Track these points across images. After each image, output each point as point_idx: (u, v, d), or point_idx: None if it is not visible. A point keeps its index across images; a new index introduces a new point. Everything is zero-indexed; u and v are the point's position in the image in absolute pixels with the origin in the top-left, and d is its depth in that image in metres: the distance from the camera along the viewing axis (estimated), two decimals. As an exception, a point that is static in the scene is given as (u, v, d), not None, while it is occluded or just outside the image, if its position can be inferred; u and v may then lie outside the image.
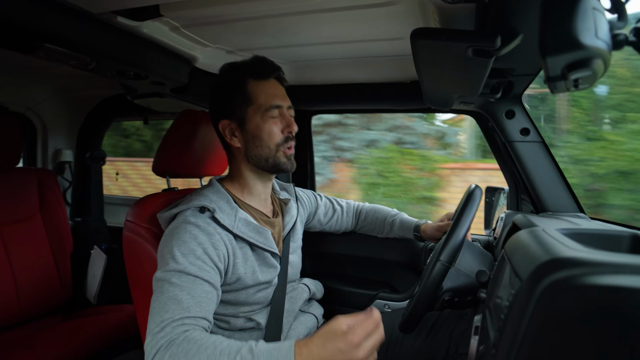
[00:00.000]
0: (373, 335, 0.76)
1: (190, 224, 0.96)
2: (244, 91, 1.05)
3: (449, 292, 1.00)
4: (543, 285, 0.49)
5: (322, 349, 0.74)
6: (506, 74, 1.11)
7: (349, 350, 0.72)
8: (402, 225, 1.42)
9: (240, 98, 1.06)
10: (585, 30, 0.47)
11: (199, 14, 1.00)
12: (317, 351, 0.74)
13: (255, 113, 1.05)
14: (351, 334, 0.73)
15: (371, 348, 0.75)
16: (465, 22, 0.91)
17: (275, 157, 1.07)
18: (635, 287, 0.45)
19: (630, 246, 0.76)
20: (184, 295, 0.86)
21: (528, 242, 0.65)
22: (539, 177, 1.29)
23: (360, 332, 0.74)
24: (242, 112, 1.06)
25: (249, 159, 1.08)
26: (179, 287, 0.87)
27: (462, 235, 0.96)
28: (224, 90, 1.09)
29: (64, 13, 0.92)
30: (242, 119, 1.06)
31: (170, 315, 0.83)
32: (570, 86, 0.54)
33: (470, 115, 1.54)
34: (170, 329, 0.81)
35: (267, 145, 1.06)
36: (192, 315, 0.84)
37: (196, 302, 0.86)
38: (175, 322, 0.82)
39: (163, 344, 0.79)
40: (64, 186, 2.14)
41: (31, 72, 1.69)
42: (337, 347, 0.73)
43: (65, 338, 1.50)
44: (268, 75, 1.08)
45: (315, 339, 0.76)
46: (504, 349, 0.54)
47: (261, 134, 1.05)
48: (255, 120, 1.05)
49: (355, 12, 1.00)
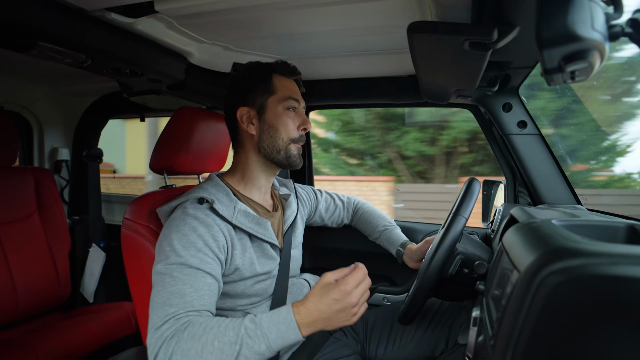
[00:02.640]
0: (363, 282, 0.85)
1: (189, 216, 0.96)
2: (269, 82, 1.10)
3: (461, 256, 1.01)
4: (541, 276, 0.50)
5: (318, 303, 0.82)
6: (503, 66, 1.11)
7: (343, 297, 0.81)
8: (389, 238, 1.41)
9: (263, 88, 1.10)
10: (581, 22, 0.47)
11: (193, 9, 1.00)
12: (314, 306, 0.82)
13: (276, 103, 1.09)
14: (343, 284, 0.82)
15: (362, 293, 0.84)
16: (462, 15, 0.91)
17: (287, 150, 1.10)
18: (632, 277, 0.46)
19: (626, 237, 0.77)
20: (187, 289, 0.87)
21: (526, 234, 0.66)
22: (536, 170, 1.30)
23: (351, 280, 0.83)
24: (263, 100, 1.10)
25: (260, 148, 1.10)
26: (181, 280, 0.87)
27: (462, 224, 0.97)
28: (248, 80, 1.12)
29: (57, 11, 0.91)
30: (262, 107, 1.10)
31: (174, 310, 0.84)
32: (567, 78, 0.54)
33: (468, 109, 1.54)
34: (174, 321, 0.82)
35: (281, 137, 1.09)
36: (195, 309, 0.85)
37: (199, 295, 0.87)
38: (179, 315, 0.83)
39: (168, 335, 0.81)
40: (61, 185, 2.14)
41: (26, 70, 1.67)
42: (332, 298, 0.82)
43: (65, 336, 1.51)
44: (292, 74, 1.16)
45: (310, 296, 0.84)
46: (502, 340, 0.54)
47: (278, 124, 1.09)
48: (275, 111, 1.09)
49: (352, 5, 0.99)
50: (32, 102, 2.00)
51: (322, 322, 0.82)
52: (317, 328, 0.83)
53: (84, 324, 1.59)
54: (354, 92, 1.59)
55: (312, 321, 0.82)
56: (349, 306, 0.82)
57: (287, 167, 1.13)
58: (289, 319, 0.81)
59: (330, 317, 0.82)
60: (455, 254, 1.00)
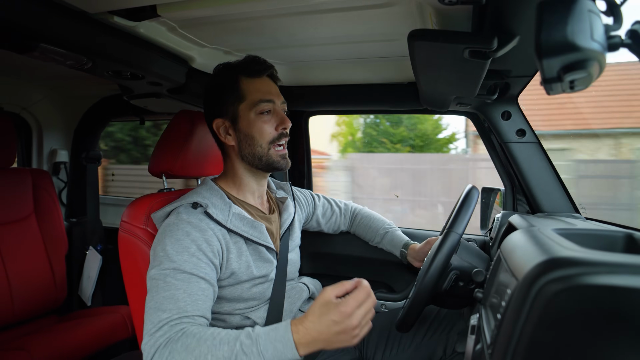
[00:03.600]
0: (365, 303, 0.80)
1: (182, 221, 0.96)
2: (237, 88, 1.06)
3: (456, 271, 1.00)
4: (539, 284, 0.50)
5: (317, 324, 0.79)
6: (503, 75, 1.12)
7: (343, 320, 0.77)
8: (392, 240, 1.41)
9: (232, 95, 1.06)
10: (581, 33, 0.47)
11: (196, 14, 1.00)
12: (312, 326, 0.79)
13: (247, 110, 1.05)
14: (343, 305, 0.78)
15: (364, 315, 0.80)
16: (462, 23, 0.91)
17: (268, 156, 1.07)
18: (630, 287, 0.46)
19: (624, 246, 0.77)
20: (180, 294, 0.86)
21: (524, 242, 0.66)
22: (534, 178, 1.30)
23: (351, 302, 0.78)
24: (234, 109, 1.06)
25: (242, 157, 1.09)
26: (174, 285, 0.87)
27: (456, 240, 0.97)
28: (217, 89, 1.09)
29: (60, 13, 0.91)
30: (235, 116, 1.06)
31: (167, 315, 0.83)
32: (566, 88, 0.55)
33: (467, 116, 1.54)
34: (168, 328, 0.81)
35: (259, 144, 1.06)
36: (189, 315, 0.84)
37: (193, 300, 0.86)
38: (172, 321, 0.82)
39: (162, 342, 0.80)
40: (59, 187, 2.13)
41: (26, 72, 1.68)
42: (331, 319, 0.78)
43: (61, 339, 1.49)
44: (260, 73, 1.09)
45: (310, 315, 0.80)
46: (500, 348, 0.54)
47: (253, 132, 1.05)
48: (248, 118, 1.05)
49: (353, 13, 1.00)
50: (32, 103, 2.00)
51: (321, 343, 0.79)
52: (315, 348, 0.80)
53: (80, 327, 1.58)
54: (353, 98, 1.60)
55: (310, 341, 0.79)
56: (349, 328, 0.78)
57: (273, 170, 1.11)
58: (286, 337, 0.78)
59: (329, 339, 0.79)
60: (449, 270, 1.00)
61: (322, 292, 0.81)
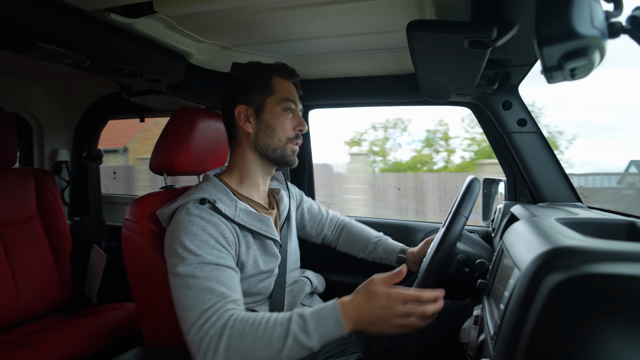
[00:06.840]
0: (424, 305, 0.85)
1: (194, 216, 0.97)
2: (268, 83, 1.13)
3: (462, 255, 1.01)
4: (542, 274, 0.49)
5: (364, 304, 0.84)
6: (503, 65, 1.11)
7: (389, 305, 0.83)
8: (387, 247, 1.37)
9: (262, 88, 1.12)
10: (581, 20, 0.47)
11: (193, 9, 0.99)
12: (359, 306, 0.84)
13: (274, 103, 1.11)
14: (394, 293, 0.83)
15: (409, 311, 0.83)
16: (461, 13, 0.91)
17: (283, 149, 1.12)
18: (634, 275, 0.46)
19: (627, 234, 0.76)
20: (213, 284, 0.88)
21: (526, 232, 0.66)
22: (536, 168, 1.30)
23: (402, 294, 0.84)
24: (261, 100, 1.12)
25: (256, 146, 1.12)
26: (205, 278, 0.89)
27: (462, 222, 0.97)
28: (248, 79, 1.14)
29: (57, 11, 0.91)
30: (261, 107, 1.11)
31: (209, 305, 0.85)
32: (567, 76, 0.54)
33: (467, 107, 1.54)
34: (217, 317, 0.84)
35: (278, 137, 1.11)
36: (231, 299, 0.88)
37: (227, 287, 0.89)
38: (218, 310, 0.85)
39: (214, 332, 0.82)
40: (61, 186, 2.14)
41: (25, 71, 1.67)
42: (378, 304, 0.83)
43: (67, 337, 1.50)
44: (291, 77, 1.18)
45: (358, 295, 0.86)
46: (504, 338, 0.54)
47: (275, 125, 1.11)
48: (273, 111, 1.11)
49: (351, 5, 0.99)
50: (32, 103, 2.00)
51: (364, 324, 0.84)
52: (358, 327, 0.84)
53: (86, 325, 1.59)
54: (353, 91, 1.59)
55: (356, 319, 0.84)
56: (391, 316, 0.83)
57: (283, 165, 1.14)
58: (335, 315, 0.83)
59: (371, 321, 0.84)
60: (456, 254, 1.00)
61: (371, 280, 0.87)
